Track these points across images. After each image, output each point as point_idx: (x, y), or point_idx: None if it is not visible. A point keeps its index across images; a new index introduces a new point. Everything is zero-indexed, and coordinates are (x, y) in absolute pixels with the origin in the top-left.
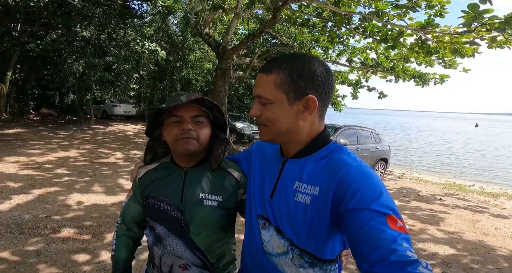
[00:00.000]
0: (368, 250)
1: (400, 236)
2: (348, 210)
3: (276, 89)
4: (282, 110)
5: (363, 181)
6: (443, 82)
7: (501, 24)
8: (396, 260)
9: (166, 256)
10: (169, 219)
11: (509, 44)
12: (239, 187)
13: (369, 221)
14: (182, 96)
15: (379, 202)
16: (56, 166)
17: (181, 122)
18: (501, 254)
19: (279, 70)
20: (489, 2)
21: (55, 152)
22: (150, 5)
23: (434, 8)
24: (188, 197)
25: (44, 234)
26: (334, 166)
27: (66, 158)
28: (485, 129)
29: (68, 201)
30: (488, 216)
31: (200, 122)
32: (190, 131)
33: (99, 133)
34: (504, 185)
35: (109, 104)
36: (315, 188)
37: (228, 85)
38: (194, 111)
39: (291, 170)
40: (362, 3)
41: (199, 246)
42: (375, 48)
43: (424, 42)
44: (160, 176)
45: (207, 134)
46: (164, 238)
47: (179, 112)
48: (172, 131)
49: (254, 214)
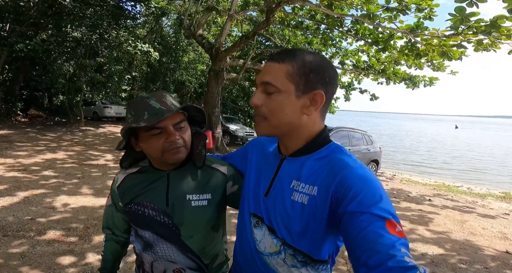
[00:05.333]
0: (366, 254)
1: (399, 241)
2: (347, 212)
3: (286, 79)
4: (288, 101)
5: (364, 184)
6: (432, 84)
7: (487, 27)
8: (394, 265)
9: (158, 262)
10: (156, 224)
11: (495, 48)
12: (226, 180)
13: (368, 225)
14: (151, 100)
15: (379, 206)
16: (43, 168)
17: (165, 133)
18: (488, 254)
19: (292, 61)
20: (476, 5)
21: (43, 153)
22: (143, 6)
23: (424, 11)
24: (174, 200)
25: (29, 236)
26: (335, 167)
27: (54, 160)
28: (465, 132)
29: (54, 203)
30: (476, 216)
31: (183, 128)
32: (178, 141)
33: (89, 135)
34: (491, 185)
35: (100, 105)
36: (313, 188)
37: (221, 87)
38: (175, 118)
39: (289, 168)
40: (354, 6)
41: (192, 249)
42: (366, 50)
43: (413, 45)
44: (141, 180)
45: (190, 136)
46: (154, 244)
47: (160, 124)
48: (156, 144)
49: (247, 212)
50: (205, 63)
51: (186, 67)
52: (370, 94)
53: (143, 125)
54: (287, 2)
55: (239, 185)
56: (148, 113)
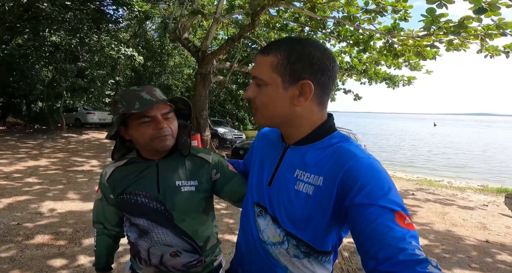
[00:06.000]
0: (376, 247)
1: (409, 233)
2: (355, 204)
3: (272, 71)
4: (276, 94)
5: (372, 175)
6: (410, 83)
7: (455, 28)
8: (404, 259)
9: (155, 247)
10: (149, 211)
11: (465, 47)
12: (211, 168)
13: (377, 218)
14: (142, 92)
15: (387, 198)
16: (26, 175)
17: (153, 122)
18: (469, 243)
19: (277, 52)
20: (445, 7)
21: (24, 161)
22: (126, 10)
23: (399, 12)
24: (165, 186)
25: (16, 241)
26: (341, 157)
27: (36, 167)
28: (443, 129)
29: (40, 208)
30: (456, 208)
31: (170, 118)
32: (166, 129)
33: (72, 142)
34: (469, 179)
35: (82, 112)
36: (319, 178)
37: (208, 90)
38: (163, 108)
39: (292, 157)
40: (336, 8)
41: (186, 232)
42: (349, 52)
43: (391, 46)
44: (131, 171)
45: (176, 127)
46: (149, 230)
47: (150, 113)
48: (146, 132)
49: (250, 201)
50: (191, 67)
51: (172, 71)
52: (354, 95)
53: (135, 112)
54: (271, 5)
55: (220, 173)
56: (139, 103)
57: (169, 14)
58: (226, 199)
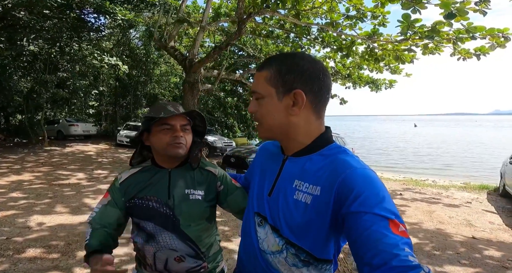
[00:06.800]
0: (370, 254)
1: (402, 240)
2: (350, 212)
3: (266, 84)
4: (272, 105)
5: (366, 184)
6: (392, 86)
7: (429, 32)
8: (398, 264)
9: (161, 252)
10: (159, 215)
11: (439, 51)
12: (216, 180)
13: (372, 225)
14: (168, 106)
15: (382, 206)
16: (10, 189)
17: (172, 130)
18: (457, 240)
19: (269, 67)
20: (419, 12)
21: (6, 176)
22: (109, 18)
23: (378, 18)
24: (175, 193)
25: (7, 255)
26: (338, 167)
27: (20, 182)
28: (423, 129)
29: (28, 223)
30: (442, 206)
31: (187, 130)
32: (181, 138)
33: (55, 155)
34: (452, 177)
35: (64, 123)
36: (316, 187)
37: (197, 99)
38: (183, 120)
39: (291, 168)
40: (319, 15)
41: (190, 237)
42: (333, 57)
43: (372, 50)
44: (144, 178)
45: (191, 140)
46: (156, 234)
47: (171, 121)
48: (164, 138)
49: (251, 211)
50: (178, 75)
51: (158, 80)
52: (340, 99)
53: (159, 118)
54: (257, 13)
55: (224, 185)
56: (164, 113)
57: (153, 23)
58: (228, 210)
